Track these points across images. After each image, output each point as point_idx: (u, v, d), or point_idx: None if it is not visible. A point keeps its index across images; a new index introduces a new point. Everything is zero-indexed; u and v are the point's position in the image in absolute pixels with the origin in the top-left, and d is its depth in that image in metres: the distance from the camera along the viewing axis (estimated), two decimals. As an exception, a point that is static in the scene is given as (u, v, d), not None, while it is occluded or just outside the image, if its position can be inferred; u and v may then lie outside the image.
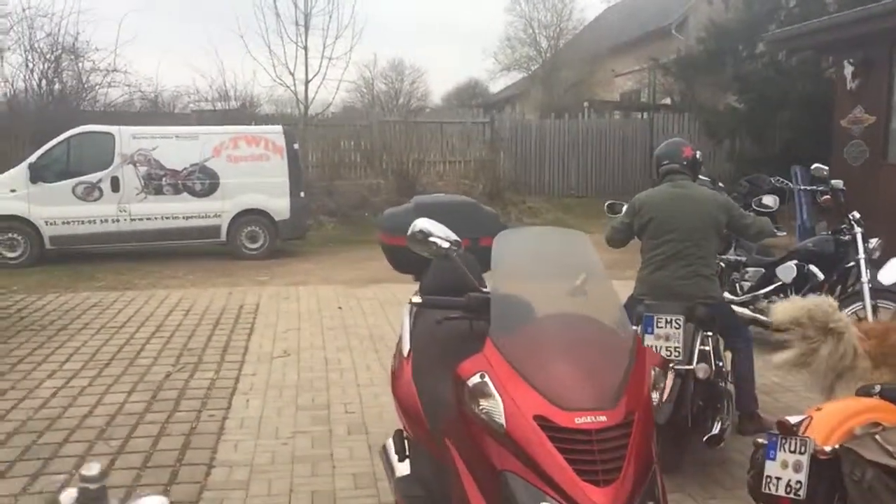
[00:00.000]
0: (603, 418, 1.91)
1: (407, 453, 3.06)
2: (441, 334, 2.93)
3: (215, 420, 4.93)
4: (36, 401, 5.29)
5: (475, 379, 2.05)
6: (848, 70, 10.43)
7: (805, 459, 2.60)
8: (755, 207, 5.29)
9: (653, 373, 2.14)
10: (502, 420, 1.96)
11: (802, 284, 6.19)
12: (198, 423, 4.89)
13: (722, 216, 4.39)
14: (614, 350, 2.09)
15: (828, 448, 2.61)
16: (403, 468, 3.06)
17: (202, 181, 11.78)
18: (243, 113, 19.41)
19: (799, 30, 11.53)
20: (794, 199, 9.64)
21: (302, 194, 12.39)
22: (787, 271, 6.20)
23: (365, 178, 16.98)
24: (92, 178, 11.36)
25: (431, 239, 2.37)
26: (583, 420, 1.90)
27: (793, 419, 2.73)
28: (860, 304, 5.45)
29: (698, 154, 4.63)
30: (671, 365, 3.80)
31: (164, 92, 19.51)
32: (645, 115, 19.68)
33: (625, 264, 9.89)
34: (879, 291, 5.46)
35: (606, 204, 5.45)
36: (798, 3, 14.75)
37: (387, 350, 6.56)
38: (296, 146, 12.38)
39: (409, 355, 3.04)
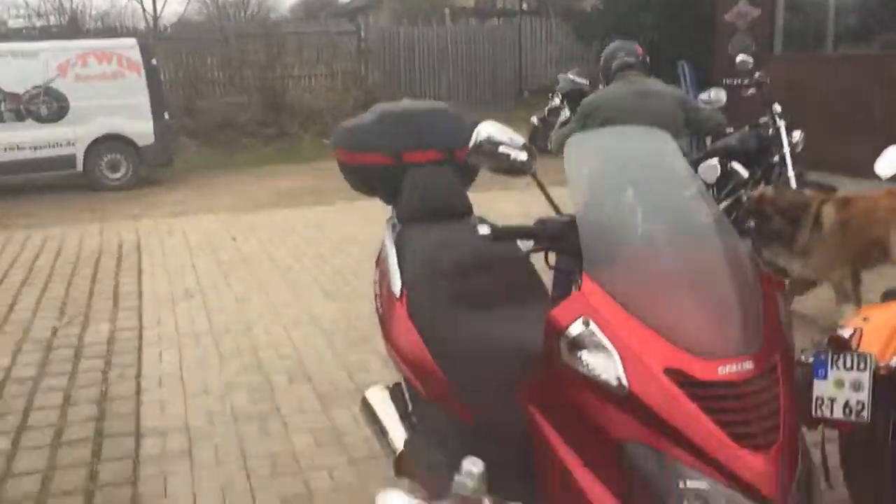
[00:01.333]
0: (749, 365, 1.53)
1: (410, 410, 2.63)
2: (444, 265, 2.47)
3: (127, 380, 4.28)
4: None
5: (577, 327, 1.60)
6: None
7: (866, 377, 2.37)
8: (703, 102, 5.05)
9: None
10: (622, 377, 1.54)
11: (725, 183, 6.09)
12: (107, 385, 4.22)
13: (680, 112, 4.11)
14: (741, 275, 1.68)
15: (891, 363, 2.39)
16: (400, 430, 2.63)
17: (48, 105, 10.45)
18: (75, 28, 17.51)
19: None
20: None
21: (166, 115, 11.26)
22: (710, 170, 6.03)
23: (226, 96, 15.78)
24: (-87, 105, 9.82)
25: (502, 150, 1.86)
26: (727, 369, 1.51)
27: (844, 332, 2.49)
28: None
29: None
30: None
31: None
32: (499, 20, 19.29)
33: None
34: (807, 184, 5.43)
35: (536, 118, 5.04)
36: None
37: (302, 284, 6.01)
38: (154, 62, 11.17)
39: (401, 294, 2.56)
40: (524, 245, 2.06)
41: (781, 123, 5.75)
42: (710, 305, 1.62)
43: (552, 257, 2.00)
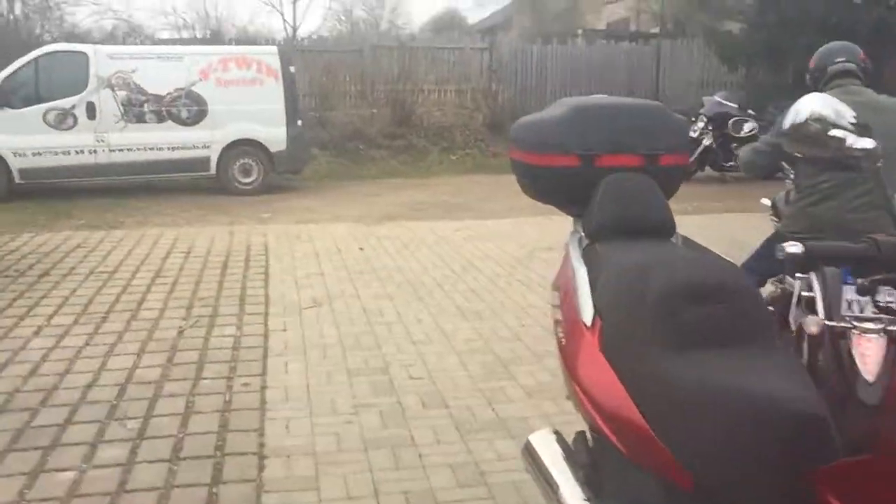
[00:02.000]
0: None
1: (594, 466, 2.14)
2: (653, 291, 1.98)
3: (252, 391, 3.98)
4: (23, 367, 4.29)
5: None
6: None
7: None
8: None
9: None
10: None
11: None
12: (231, 394, 3.94)
13: None
14: None
15: None
16: (578, 490, 2.15)
17: (189, 108, 10.59)
18: (218, 41, 18.03)
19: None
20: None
21: (299, 123, 11.25)
22: None
23: (357, 108, 15.79)
24: (65, 103, 10.12)
25: (835, 133, 1.37)
26: None
27: None
28: None
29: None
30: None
31: (137, 12, 17.97)
32: (634, 43, 18.56)
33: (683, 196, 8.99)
34: None
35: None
36: None
37: (431, 299, 5.63)
38: (292, 69, 11.18)
39: (593, 324, 2.08)
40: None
41: None
42: None
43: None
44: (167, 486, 3.03)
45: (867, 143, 1.33)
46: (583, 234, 2.38)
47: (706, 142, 11.75)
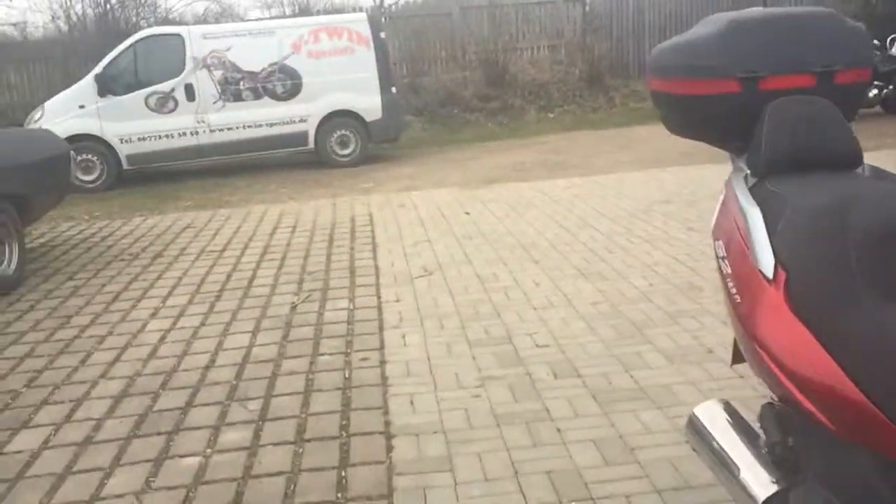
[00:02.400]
0: None
1: (789, 445, 1.82)
2: (854, 234, 1.63)
3: (371, 365, 3.80)
4: (142, 349, 4.25)
5: None
6: None
7: None
8: None
9: None
10: None
11: None
12: (350, 370, 3.76)
13: None
14: None
15: None
16: (764, 474, 1.83)
17: (283, 82, 10.52)
18: (307, 13, 18.00)
19: None
20: None
21: (394, 90, 11.04)
22: None
23: (449, 72, 15.48)
24: (164, 87, 10.21)
25: None
26: None
27: None
28: None
29: None
30: None
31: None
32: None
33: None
34: None
35: None
36: None
37: (548, 261, 5.33)
38: (382, 35, 10.96)
39: (776, 276, 1.74)
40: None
41: None
42: None
43: None
44: (294, 471, 2.87)
45: None
46: (748, 171, 2.02)
47: None
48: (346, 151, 10.81)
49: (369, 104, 10.66)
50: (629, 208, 6.77)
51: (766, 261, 1.75)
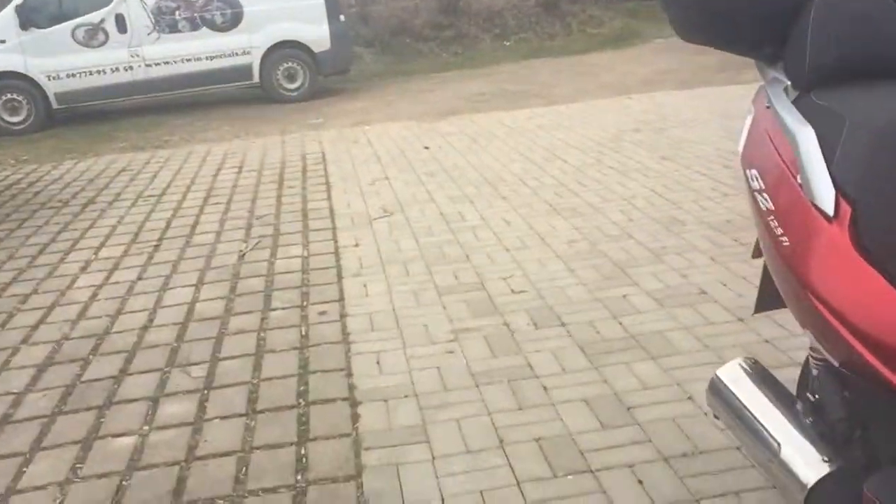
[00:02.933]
0: None
1: (849, 419, 1.49)
2: None
3: (331, 320, 3.41)
4: (70, 309, 3.79)
5: None
6: None
7: None
8: None
9: None
10: None
11: None
12: (307, 326, 3.37)
13: None
14: None
15: None
16: (812, 449, 1.51)
17: (223, 11, 9.81)
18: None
19: None
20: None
21: (342, 18, 10.39)
22: None
23: (399, 0, 14.76)
24: (93, 17, 9.43)
25: None
26: None
27: None
28: None
29: None
30: None
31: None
32: None
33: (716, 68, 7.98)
34: None
35: None
36: None
37: (517, 197, 4.95)
38: (327, -44, 10.25)
39: (838, 212, 1.37)
40: None
41: None
42: None
43: None
44: (245, 449, 2.50)
45: None
46: (788, 82, 1.63)
47: None
48: (294, 85, 10.19)
49: (317, 34, 10.03)
50: (597, 138, 6.39)
51: (825, 193, 1.37)
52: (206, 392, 2.87)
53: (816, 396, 1.57)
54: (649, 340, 2.95)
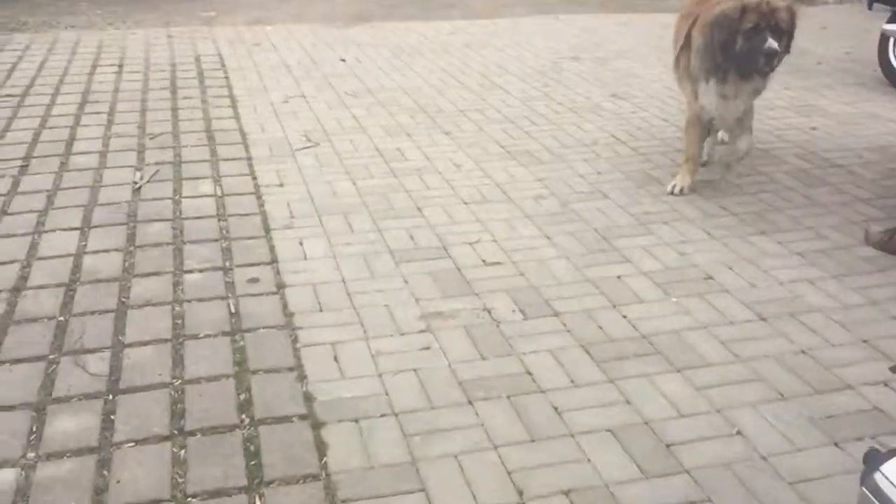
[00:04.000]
0: None
1: None
2: None
3: (265, 292, 2.72)
4: (-90, 255, 2.91)
5: None
6: None
7: None
8: None
9: None
10: None
11: None
12: (235, 299, 2.67)
13: None
14: None
15: None
16: None
17: None
18: None
19: None
20: None
21: None
22: None
23: None
24: None
25: None
26: None
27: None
28: None
29: None
30: None
31: None
32: None
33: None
34: None
35: None
36: None
37: (461, 133, 4.32)
38: None
39: None
40: None
41: None
42: None
43: None
44: (177, 497, 1.84)
45: None
46: None
47: None
48: (176, -33, 8.88)
49: None
50: (535, 65, 5.78)
51: None
52: (110, 398, 2.17)
53: None
54: (666, 344, 2.47)
